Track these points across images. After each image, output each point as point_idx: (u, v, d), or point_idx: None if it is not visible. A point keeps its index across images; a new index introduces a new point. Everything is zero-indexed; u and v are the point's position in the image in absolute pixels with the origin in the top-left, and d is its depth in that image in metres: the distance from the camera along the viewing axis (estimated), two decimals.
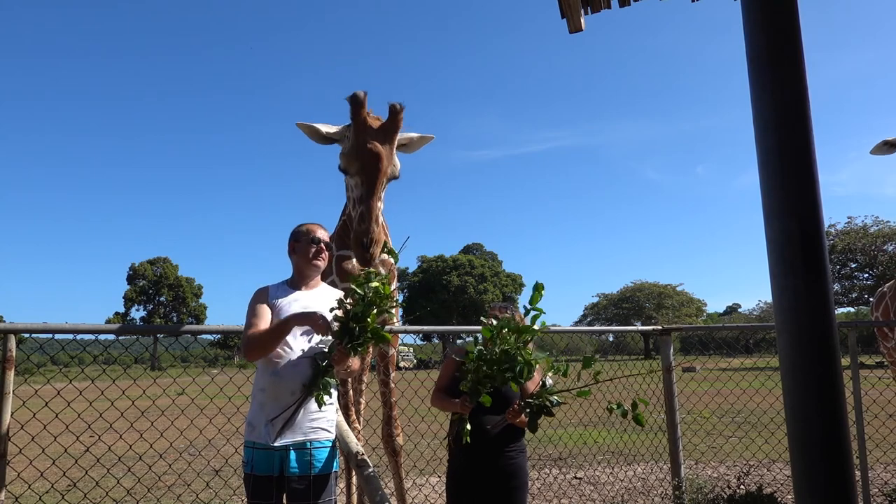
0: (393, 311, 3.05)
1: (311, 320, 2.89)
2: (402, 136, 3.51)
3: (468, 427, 3.10)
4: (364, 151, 3.19)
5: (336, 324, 2.90)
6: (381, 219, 3.23)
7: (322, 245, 3.26)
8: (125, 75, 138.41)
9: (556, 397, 3.02)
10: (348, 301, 2.92)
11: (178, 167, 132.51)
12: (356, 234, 3.04)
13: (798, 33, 1.92)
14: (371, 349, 5.42)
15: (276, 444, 2.96)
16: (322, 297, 3.20)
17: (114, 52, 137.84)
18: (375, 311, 2.84)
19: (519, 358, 2.94)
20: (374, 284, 2.86)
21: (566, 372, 3.01)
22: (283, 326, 2.95)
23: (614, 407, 3.01)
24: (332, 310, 2.97)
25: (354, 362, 2.94)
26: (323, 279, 3.51)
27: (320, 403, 2.93)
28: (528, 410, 3.05)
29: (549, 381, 3.11)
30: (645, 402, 2.94)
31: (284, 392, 2.98)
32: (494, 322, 3.26)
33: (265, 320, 3.04)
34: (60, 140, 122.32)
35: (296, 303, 3.13)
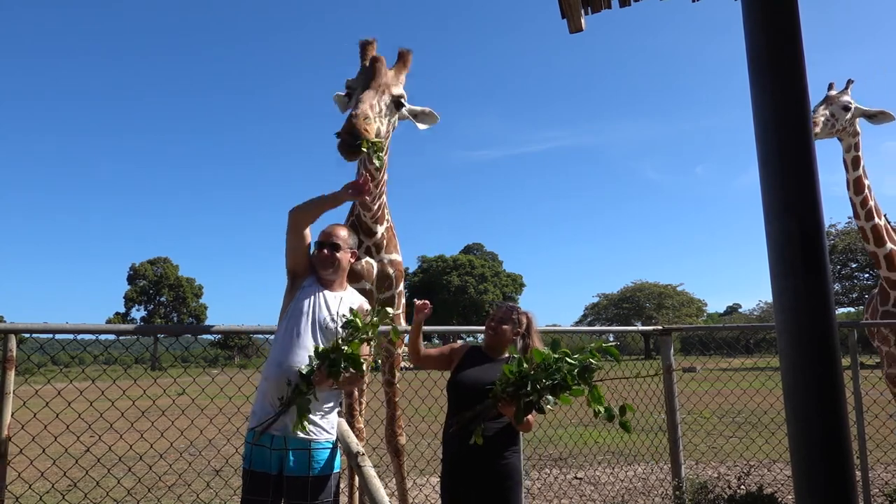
0: (373, 343, 3.22)
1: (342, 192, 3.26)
2: (411, 107, 3.99)
3: (482, 426, 3.10)
4: (367, 63, 3.63)
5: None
6: (370, 116, 3.42)
7: (325, 250, 3.29)
8: (125, 75, 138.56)
9: (551, 398, 2.97)
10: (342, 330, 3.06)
11: (178, 167, 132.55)
12: (345, 123, 3.28)
13: (798, 33, 1.92)
14: (372, 352, 5.46)
15: (275, 436, 2.99)
16: (345, 300, 3.29)
17: (114, 52, 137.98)
18: (357, 341, 2.97)
19: (561, 370, 2.93)
20: (369, 319, 3.05)
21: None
22: (330, 198, 3.27)
23: (601, 410, 2.88)
24: (344, 320, 3.07)
25: (329, 383, 2.99)
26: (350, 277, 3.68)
27: (296, 428, 2.94)
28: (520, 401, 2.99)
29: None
30: (632, 408, 2.88)
31: (284, 384, 3.02)
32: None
33: (306, 238, 3.33)
34: (60, 140, 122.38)
35: (315, 301, 3.20)
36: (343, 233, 3.36)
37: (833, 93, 6.24)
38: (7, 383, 3.47)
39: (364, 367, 3.03)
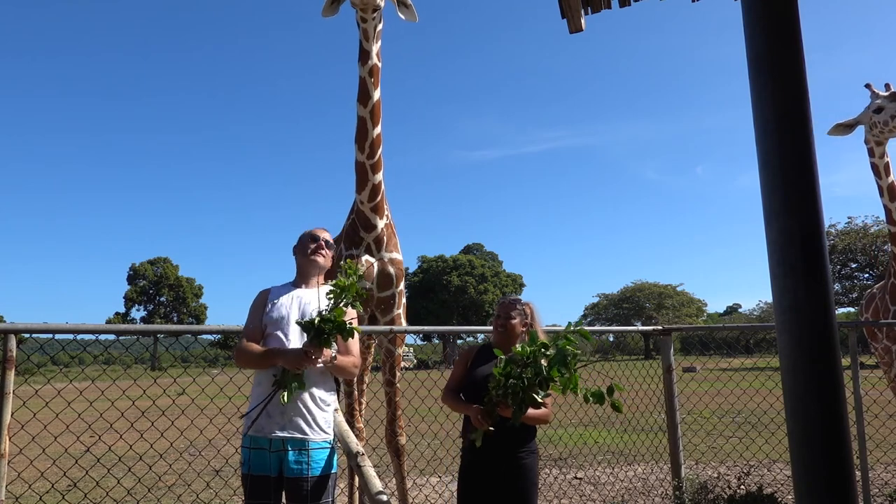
0: (359, 305, 3.15)
1: (288, 358, 2.98)
2: None
3: (481, 432, 3.12)
4: None
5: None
6: None
7: (322, 242, 3.35)
8: (125, 74, 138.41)
9: (542, 392, 2.97)
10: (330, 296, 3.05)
11: (178, 167, 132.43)
12: None
13: (798, 33, 1.92)
14: (371, 349, 5.42)
15: (273, 439, 2.99)
16: (320, 294, 3.25)
17: (114, 50, 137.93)
18: (342, 304, 2.97)
19: (541, 362, 2.93)
20: (348, 280, 3.01)
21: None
22: (267, 358, 3.07)
23: (589, 396, 2.83)
24: (328, 294, 3.07)
25: (327, 353, 3.00)
26: (328, 280, 3.60)
27: (288, 397, 2.96)
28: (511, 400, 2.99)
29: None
30: (620, 387, 2.83)
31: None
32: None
33: (256, 325, 3.22)
34: (60, 140, 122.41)
35: (295, 299, 3.22)
36: (329, 235, 3.48)
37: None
38: (7, 383, 3.47)
39: (354, 332, 3.02)
